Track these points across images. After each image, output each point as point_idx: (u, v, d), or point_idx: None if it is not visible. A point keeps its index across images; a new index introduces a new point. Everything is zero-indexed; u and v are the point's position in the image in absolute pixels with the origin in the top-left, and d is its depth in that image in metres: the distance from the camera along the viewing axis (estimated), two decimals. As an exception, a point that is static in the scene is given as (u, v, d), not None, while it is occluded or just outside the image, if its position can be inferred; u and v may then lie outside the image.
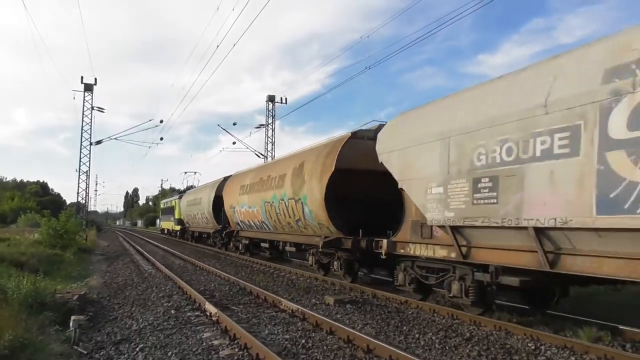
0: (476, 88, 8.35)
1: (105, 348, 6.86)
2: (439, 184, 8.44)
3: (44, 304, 8.30)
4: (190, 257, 21.29)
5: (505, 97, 7.36)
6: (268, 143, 41.86)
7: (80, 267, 17.20)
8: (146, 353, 6.53)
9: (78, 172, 42.10)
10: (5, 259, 13.79)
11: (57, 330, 7.30)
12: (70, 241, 23.09)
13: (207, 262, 18.94)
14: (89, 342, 7.19)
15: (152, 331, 7.76)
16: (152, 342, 7.09)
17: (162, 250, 27.73)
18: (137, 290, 12.18)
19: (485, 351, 6.59)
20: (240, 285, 12.61)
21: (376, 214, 11.85)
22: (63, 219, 23.93)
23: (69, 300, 9.01)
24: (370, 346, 6.44)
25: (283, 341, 7.10)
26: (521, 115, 6.87)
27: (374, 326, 8.14)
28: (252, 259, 20.10)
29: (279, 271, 16.21)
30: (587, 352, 6.46)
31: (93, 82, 42.42)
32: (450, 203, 8.19)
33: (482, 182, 7.53)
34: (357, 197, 12.20)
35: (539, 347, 6.78)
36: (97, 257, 23.42)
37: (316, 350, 6.58)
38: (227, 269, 17.03)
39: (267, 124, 42.02)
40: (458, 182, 8.02)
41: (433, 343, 7.06)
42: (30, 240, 22.44)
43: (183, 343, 6.99)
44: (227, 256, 22.71)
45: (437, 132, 8.56)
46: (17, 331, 6.02)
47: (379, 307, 9.74)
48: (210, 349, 6.68)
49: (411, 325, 8.17)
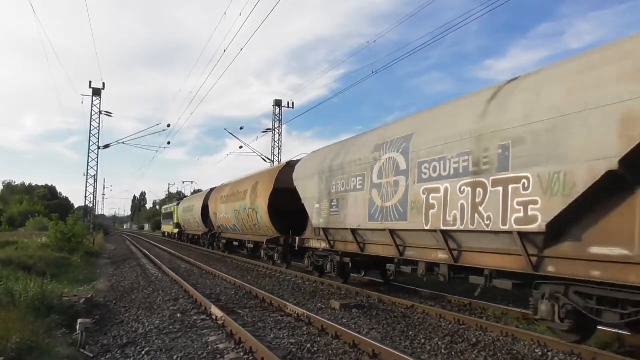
0: (334, 145, 14.18)
1: (112, 351, 6.88)
2: (317, 202, 13.65)
3: (51, 307, 8.35)
4: (196, 261, 21.33)
5: (344, 154, 12.59)
6: (275, 147, 41.91)
7: (87, 270, 17.29)
8: (152, 356, 6.55)
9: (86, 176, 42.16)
10: (13, 262, 13.87)
11: (64, 333, 7.33)
12: (77, 245, 23.25)
13: (213, 266, 18.98)
14: (95, 345, 7.22)
15: (158, 335, 7.78)
16: (158, 345, 7.11)
17: (169, 254, 27.81)
18: (144, 293, 12.22)
19: (492, 357, 6.54)
20: (246, 289, 12.62)
21: (301, 220, 15.63)
22: (71, 222, 24.09)
23: (76, 303, 9.06)
24: (376, 351, 6.41)
25: (288, 345, 7.09)
26: (346, 165, 12.18)
27: (380, 331, 8.11)
28: (257, 262, 20.19)
29: (285, 275, 16.22)
30: (594, 359, 6.41)
31: (101, 87, 42.52)
32: (321, 214, 13.38)
33: (334, 202, 12.67)
34: (289, 208, 16.49)
35: (546, 354, 6.73)
36: (104, 261, 23.53)
37: (321, 355, 6.57)
38: (233, 272, 17.05)
39: (273, 129, 42.07)
40: (324, 202, 13.19)
41: (439, 348, 7.02)
42: (38, 243, 22.58)
43: (189, 347, 7.00)
44: (233, 260, 22.74)
45: (316, 170, 13.94)
46: (25, 334, 6.05)
47: (385, 312, 9.71)
48: (216, 352, 6.69)
49: (417, 330, 8.13)
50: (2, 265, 12.65)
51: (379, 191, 10.49)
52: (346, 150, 12.55)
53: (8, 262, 13.70)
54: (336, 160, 12.77)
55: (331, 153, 13.49)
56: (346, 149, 12.62)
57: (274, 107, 42.54)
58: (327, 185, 12.99)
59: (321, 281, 14.11)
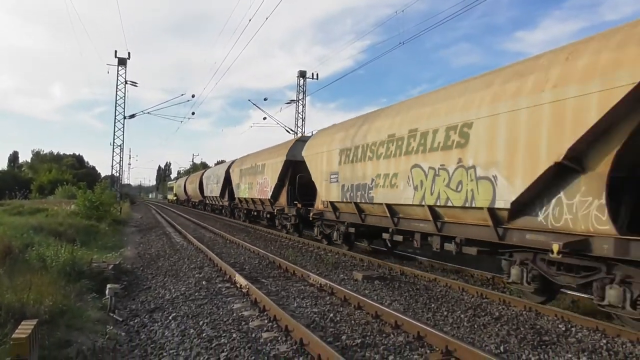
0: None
1: (140, 316, 7.08)
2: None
3: (81, 272, 8.60)
4: (220, 231, 21.64)
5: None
6: (298, 119, 41.85)
7: (114, 238, 17.70)
8: (179, 322, 6.72)
9: (112, 146, 42.96)
10: (44, 228, 14.27)
11: (94, 297, 7.57)
12: (105, 213, 23.72)
13: (237, 236, 19.23)
14: (124, 309, 7.44)
15: (184, 301, 7.97)
16: (184, 311, 7.29)
17: (193, 223, 28.24)
18: (170, 261, 12.48)
19: (515, 331, 6.54)
20: (269, 259, 12.78)
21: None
22: (98, 191, 24.54)
23: (105, 269, 9.30)
24: (398, 322, 6.46)
25: (311, 314, 7.19)
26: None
27: (402, 302, 8.16)
28: (279, 232, 20.40)
29: (307, 246, 16.35)
30: (619, 335, 6.35)
31: (127, 57, 42.89)
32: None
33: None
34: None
35: (570, 329, 6.69)
36: (130, 229, 24.03)
37: (344, 325, 6.65)
38: (257, 242, 17.27)
39: (297, 100, 41.93)
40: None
41: (462, 321, 7.04)
42: (67, 211, 23.11)
43: (214, 313, 7.16)
44: (256, 230, 23.01)
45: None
46: (56, 298, 6.25)
47: (407, 284, 9.75)
48: (241, 319, 6.83)
49: (439, 303, 8.16)
50: (34, 232, 13.02)
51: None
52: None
53: (39, 228, 14.09)
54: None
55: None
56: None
57: (298, 78, 42.35)
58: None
59: (343, 253, 14.22)
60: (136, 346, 5.76)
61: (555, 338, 6.26)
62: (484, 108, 8.28)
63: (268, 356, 5.33)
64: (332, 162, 14.48)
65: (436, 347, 5.62)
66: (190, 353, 5.45)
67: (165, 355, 5.41)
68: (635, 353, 5.76)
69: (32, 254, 9.19)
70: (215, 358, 5.29)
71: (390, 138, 11.25)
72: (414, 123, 10.38)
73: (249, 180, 25.60)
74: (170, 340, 5.92)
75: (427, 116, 9.98)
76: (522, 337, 6.26)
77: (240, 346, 5.66)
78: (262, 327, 6.43)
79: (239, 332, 6.22)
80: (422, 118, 10.16)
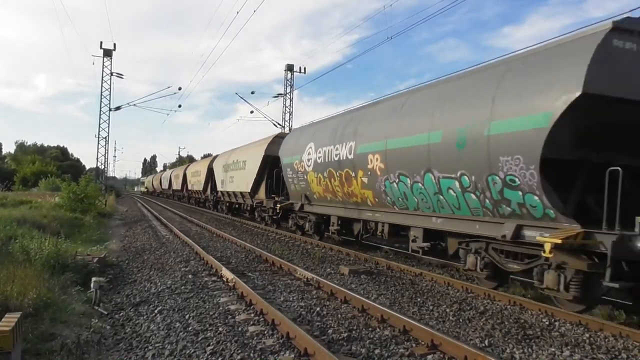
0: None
1: (125, 309, 7.04)
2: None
3: (65, 265, 8.51)
4: (207, 225, 21.56)
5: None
6: (286, 113, 41.72)
7: (99, 231, 17.53)
8: (164, 315, 6.69)
9: (97, 138, 42.39)
10: (28, 221, 14.09)
11: (78, 291, 7.50)
12: (89, 205, 23.50)
13: (223, 230, 19.18)
14: (109, 303, 7.38)
15: (170, 294, 7.93)
16: (170, 305, 7.25)
17: (179, 217, 28.08)
18: (155, 254, 12.40)
19: (499, 325, 6.61)
20: (256, 252, 12.76)
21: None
22: (83, 183, 24.30)
23: (90, 262, 9.22)
24: (385, 316, 6.50)
25: (298, 308, 7.20)
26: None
27: (388, 297, 8.20)
28: (267, 227, 20.38)
29: (294, 240, 16.36)
30: (601, 330, 6.45)
31: (112, 48, 42.24)
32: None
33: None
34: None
35: (553, 323, 6.78)
36: (116, 222, 23.84)
37: (330, 318, 6.67)
38: (243, 236, 17.23)
39: (285, 94, 41.79)
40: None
41: (447, 315, 7.10)
42: (51, 203, 22.85)
43: (200, 307, 7.14)
44: (243, 224, 22.96)
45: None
46: (40, 291, 6.18)
47: (393, 279, 9.80)
48: (227, 313, 6.81)
49: (425, 297, 8.21)
50: (17, 224, 12.85)
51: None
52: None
53: (23, 220, 13.91)
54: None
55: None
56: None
57: (286, 72, 42.18)
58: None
59: (330, 247, 14.24)
60: (121, 340, 5.72)
61: (539, 332, 6.34)
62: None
63: (254, 350, 5.33)
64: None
65: (422, 341, 5.66)
66: (176, 347, 5.42)
67: (150, 348, 5.38)
68: (617, 347, 5.85)
69: (16, 246, 9.08)
70: (201, 352, 5.28)
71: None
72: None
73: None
74: (156, 334, 5.88)
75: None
76: (506, 331, 6.34)
77: (227, 340, 5.64)
78: (249, 321, 6.42)
79: (225, 326, 6.20)
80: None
